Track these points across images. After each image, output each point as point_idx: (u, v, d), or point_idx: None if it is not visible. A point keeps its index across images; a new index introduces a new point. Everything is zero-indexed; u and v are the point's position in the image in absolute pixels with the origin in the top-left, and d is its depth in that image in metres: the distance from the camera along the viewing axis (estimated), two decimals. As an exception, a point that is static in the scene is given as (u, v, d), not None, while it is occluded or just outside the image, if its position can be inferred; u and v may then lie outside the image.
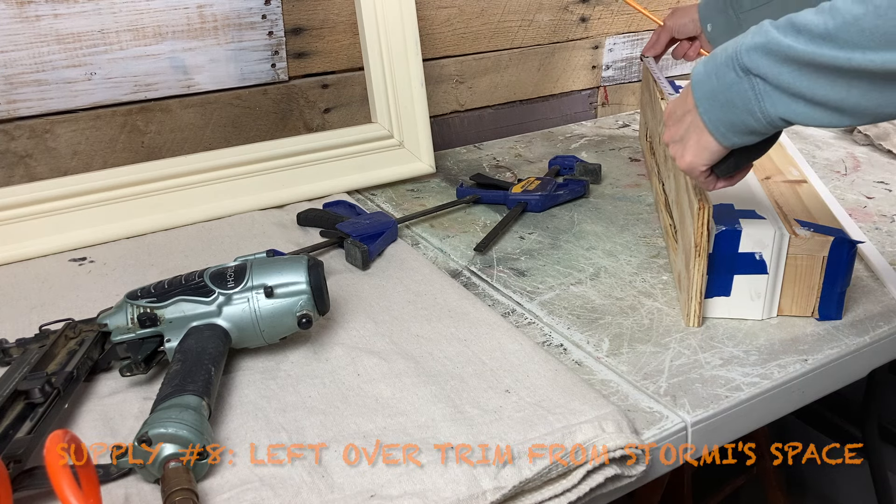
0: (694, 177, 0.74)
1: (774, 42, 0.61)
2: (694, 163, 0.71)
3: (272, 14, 1.12)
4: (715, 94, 0.66)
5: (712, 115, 0.67)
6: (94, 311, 0.75)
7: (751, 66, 0.62)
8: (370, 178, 1.14)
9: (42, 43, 0.99)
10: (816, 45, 0.58)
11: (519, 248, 0.97)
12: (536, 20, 1.39)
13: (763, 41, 0.62)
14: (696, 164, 0.71)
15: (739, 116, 0.65)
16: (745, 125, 0.65)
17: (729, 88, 0.65)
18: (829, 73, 0.59)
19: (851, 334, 0.79)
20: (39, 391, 0.62)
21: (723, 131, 0.67)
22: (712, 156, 0.70)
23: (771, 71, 0.61)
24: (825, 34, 0.57)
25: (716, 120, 0.67)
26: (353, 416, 0.65)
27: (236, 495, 0.57)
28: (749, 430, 0.73)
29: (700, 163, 0.71)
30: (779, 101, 0.62)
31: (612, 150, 1.33)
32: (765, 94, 0.63)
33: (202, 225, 1.02)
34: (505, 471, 0.58)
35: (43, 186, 0.96)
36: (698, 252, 0.76)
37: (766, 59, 0.61)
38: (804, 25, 0.59)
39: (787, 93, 0.61)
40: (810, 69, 0.59)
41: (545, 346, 0.77)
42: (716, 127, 0.67)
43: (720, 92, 0.66)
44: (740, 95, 0.64)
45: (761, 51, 0.62)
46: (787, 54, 0.60)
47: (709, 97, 0.67)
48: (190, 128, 1.12)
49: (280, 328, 0.71)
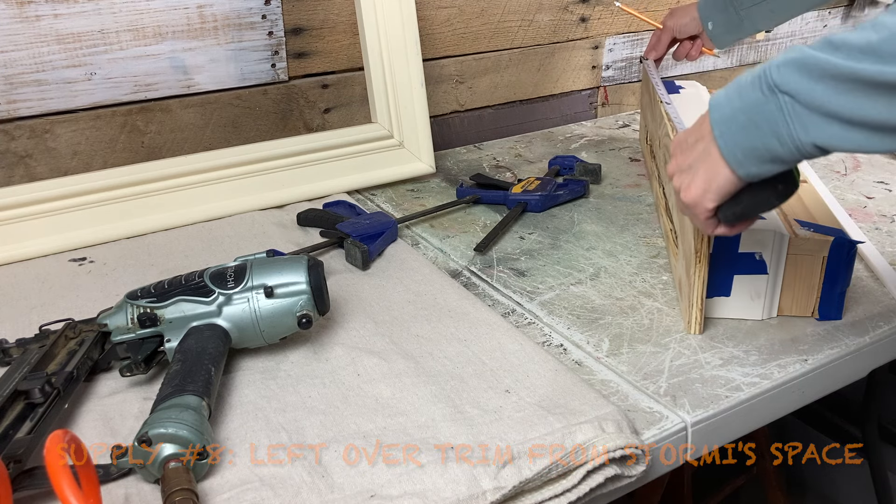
0: (696, 214, 0.67)
1: (810, 57, 0.56)
2: (700, 198, 0.64)
3: (272, 14, 1.12)
4: (735, 116, 0.60)
5: (729, 139, 0.61)
6: (94, 311, 0.75)
7: (780, 82, 0.57)
8: (370, 178, 1.14)
9: (42, 43, 0.99)
10: (856, 59, 0.54)
11: (519, 249, 0.97)
12: (536, 20, 1.39)
13: (797, 56, 0.57)
14: (703, 199, 0.64)
15: (763, 140, 0.59)
16: (769, 150, 0.59)
17: (752, 108, 0.59)
18: (871, 89, 0.54)
19: (851, 334, 0.79)
20: (39, 391, 0.62)
21: (740, 158, 0.61)
22: (722, 190, 0.63)
23: (803, 87, 0.56)
24: (867, 47, 0.53)
25: (733, 144, 0.61)
26: (353, 416, 0.65)
27: (236, 495, 0.57)
28: (749, 430, 0.73)
29: (707, 198, 0.64)
30: (811, 122, 0.56)
31: (612, 150, 1.33)
32: (794, 115, 0.57)
33: (202, 225, 1.02)
34: (505, 471, 0.58)
35: (43, 186, 0.96)
36: (699, 258, 0.75)
37: (799, 75, 0.56)
38: (843, 42, 0.55)
39: (820, 112, 0.56)
40: (849, 85, 0.54)
41: (545, 346, 0.77)
42: (732, 152, 0.61)
43: (742, 113, 0.60)
44: (766, 116, 0.58)
45: (793, 65, 0.57)
46: (823, 69, 0.55)
47: (728, 119, 0.61)
48: (190, 128, 1.12)
49: (280, 328, 0.71)
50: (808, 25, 1.77)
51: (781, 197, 0.64)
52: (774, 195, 0.63)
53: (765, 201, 0.64)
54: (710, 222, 0.67)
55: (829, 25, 1.81)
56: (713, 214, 0.66)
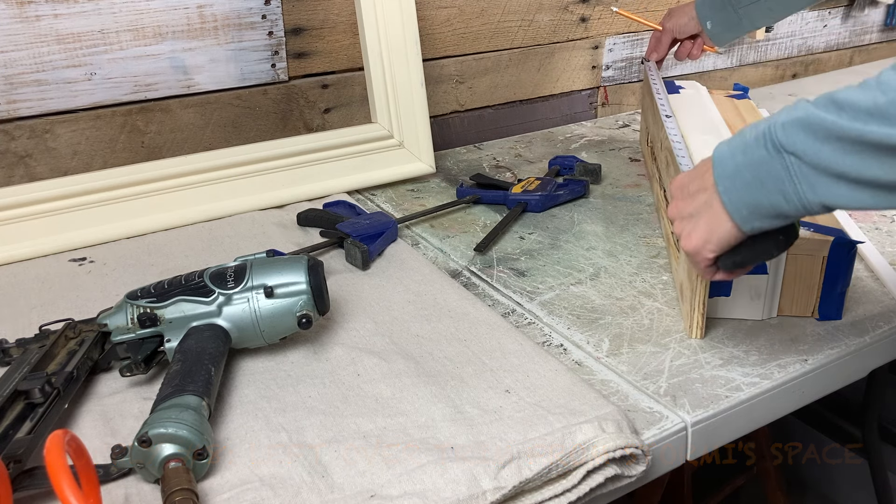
0: (696, 262, 0.67)
1: (814, 117, 0.55)
2: (701, 248, 0.64)
3: (272, 14, 1.12)
4: (740, 173, 0.60)
5: (734, 196, 0.60)
6: (94, 311, 0.75)
7: (786, 142, 0.57)
8: (370, 178, 1.14)
9: (42, 43, 0.99)
10: (863, 121, 0.53)
11: (519, 248, 0.97)
12: (536, 20, 1.39)
13: (801, 115, 0.56)
14: (704, 249, 0.64)
15: (768, 197, 0.59)
16: (774, 208, 0.59)
17: (758, 166, 0.59)
18: (879, 151, 0.53)
19: (851, 334, 0.79)
20: (39, 391, 0.62)
21: (745, 214, 0.61)
22: (723, 242, 0.63)
23: (810, 148, 0.56)
24: (873, 109, 0.53)
25: (738, 201, 0.60)
26: (353, 416, 0.65)
27: (236, 495, 0.57)
28: (749, 430, 0.73)
29: (709, 249, 0.64)
30: (818, 182, 0.56)
31: (612, 150, 1.33)
32: (801, 176, 0.57)
33: (202, 225, 1.02)
34: (505, 471, 0.58)
35: (43, 186, 0.96)
36: None
37: (805, 136, 0.56)
38: (847, 101, 0.54)
39: (827, 173, 0.56)
40: (856, 146, 0.54)
41: (545, 346, 0.77)
42: (737, 209, 0.61)
43: (747, 170, 0.59)
44: (772, 175, 0.58)
45: (799, 126, 0.56)
46: (829, 130, 0.55)
47: (732, 175, 0.60)
48: (190, 128, 1.12)
49: (280, 328, 0.71)
50: (808, 25, 1.77)
51: (782, 247, 0.64)
52: (775, 246, 0.64)
53: (765, 251, 0.64)
54: (710, 270, 0.67)
55: (829, 25, 1.81)
56: (713, 263, 0.66)
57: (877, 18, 1.90)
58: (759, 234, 0.63)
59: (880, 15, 1.90)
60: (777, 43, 1.74)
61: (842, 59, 1.89)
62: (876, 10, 1.89)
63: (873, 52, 1.94)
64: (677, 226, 0.67)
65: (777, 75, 1.79)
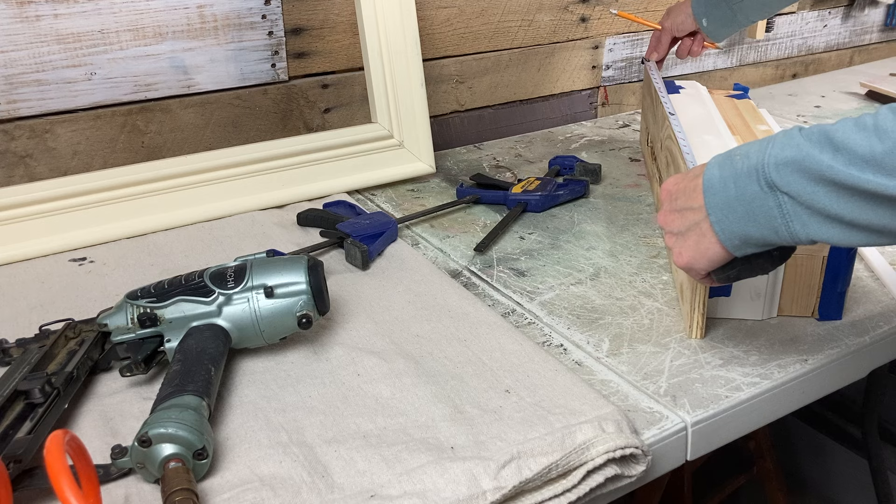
0: (689, 274, 0.68)
1: (810, 159, 0.55)
2: (692, 264, 0.65)
3: (272, 14, 1.12)
4: (731, 205, 0.60)
5: (726, 227, 0.61)
6: (94, 311, 0.76)
7: (779, 183, 0.56)
8: (370, 178, 1.14)
9: (42, 43, 0.99)
10: (859, 168, 0.52)
11: (519, 248, 0.97)
12: (536, 20, 1.39)
13: (795, 156, 0.56)
14: (695, 265, 0.65)
15: (760, 232, 0.59)
16: (765, 241, 0.60)
17: (750, 202, 0.58)
18: (874, 200, 0.53)
19: (851, 334, 0.79)
20: (39, 391, 0.62)
21: (737, 244, 0.61)
22: (714, 262, 0.64)
23: (804, 190, 0.55)
24: (870, 158, 0.52)
25: (729, 232, 0.61)
26: (353, 416, 0.65)
27: (236, 495, 0.57)
28: (749, 430, 0.73)
29: (700, 266, 0.65)
30: (810, 222, 0.56)
31: (612, 150, 1.33)
32: (794, 215, 0.57)
33: (202, 225, 1.02)
34: (505, 471, 0.58)
35: (43, 186, 0.96)
36: None
37: (799, 177, 0.55)
38: (844, 144, 0.53)
39: (821, 215, 0.55)
40: (851, 193, 0.53)
41: (545, 346, 0.77)
42: (729, 239, 0.61)
43: (739, 204, 0.59)
44: (763, 212, 0.58)
45: (792, 167, 0.56)
46: (824, 175, 0.54)
47: (724, 206, 0.60)
48: (190, 128, 1.12)
49: (280, 328, 0.71)
50: (808, 25, 1.77)
51: (777, 262, 0.65)
52: (769, 262, 0.64)
53: (760, 267, 0.65)
54: (706, 280, 0.68)
55: (829, 25, 1.81)
56: (707, 276, 0.67)
57: (877, 18, 1.90)
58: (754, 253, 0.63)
59: (880, 15, 1.90)
60: (777, 43, 1.74)
61: (842, 58, 1.89)
62: (876, 10, 1.89)
63: (873, 52, 1.94)
64: (668, 239, 0.68)
65: (777, 75, 1.79)
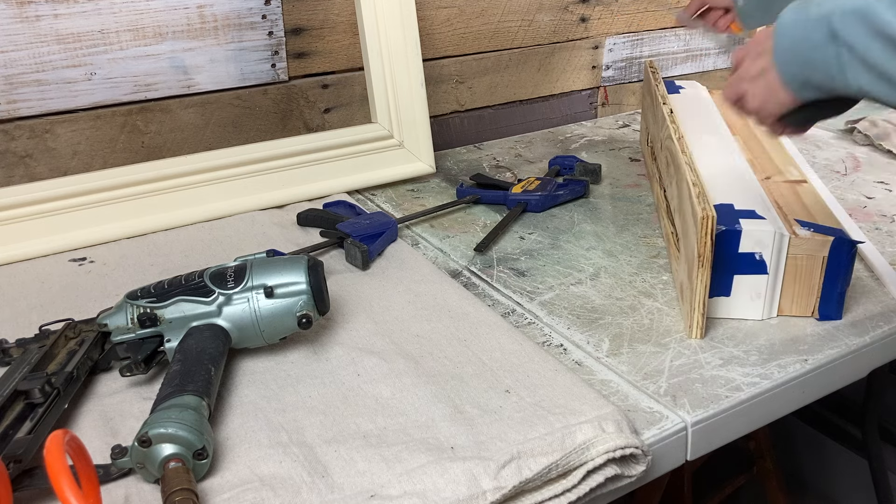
0: (761, 119, 0.71)
1: (873, 12, 0.57)
2: (762, 109, 0.69)
3: (272, 14, 1.12)
4: (796, 48, 0.64)
5: (787, 71, 0.65)
6: (94, 311, 0.76)
7: (841, 30, 0.60)
8: (370, 178, 1.14)
9: (42, 43, 0.99)
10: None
11: (519, 248, 0.97)
12: (536, 20, 1.39)
13: (862, 6, 0.58)
14: (764, 111, 0.69)
15: (818, 78, 0.63)
16: (824, 87, 0.63)
17: (813, 49, 0.62)
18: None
19: (851, 334, 0.79)
20: (39, 391, 0.62)
21: (797, 87, 0.65)
22: (782, 107, 0.68)
23: (861, 42, 0.59)
24: None
25: (790, 76, 0.65)
26: (353, 416, 0.65)
27: (236, 495, 0.57)
28: (749, 430, 0.73)
29: (768, 111, 0.69)
30: (862, 75, 0.60)
31: (612, 150, 1.33)
32: (849, 66, 0.60)
33: (202, 225, 1.02)
34: (505, 471, 0.58)
35: (43, 186, 0.96)
36: (701, 262, 0.75)
37: (860, 27, 0.58)
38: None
39: (873, 71, 0.59)
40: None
41: (545, 346, 0.77)
42: (791, 82, 0.65)
43: (803, 49, 0.63)
44: (823, 60, 0.62)
45: (857, 15, 0.59)
46: (882, 29, 0.57)
47: (790, 49, 0.65)
48: (190, 128, 1.12)
49: (280, 328, 0.71)
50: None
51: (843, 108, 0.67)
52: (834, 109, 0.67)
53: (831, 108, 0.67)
54: (776, 126, 0.71)
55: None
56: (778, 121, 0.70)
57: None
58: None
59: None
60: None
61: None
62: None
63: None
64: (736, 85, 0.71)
65: (777, 75, 1.79)
